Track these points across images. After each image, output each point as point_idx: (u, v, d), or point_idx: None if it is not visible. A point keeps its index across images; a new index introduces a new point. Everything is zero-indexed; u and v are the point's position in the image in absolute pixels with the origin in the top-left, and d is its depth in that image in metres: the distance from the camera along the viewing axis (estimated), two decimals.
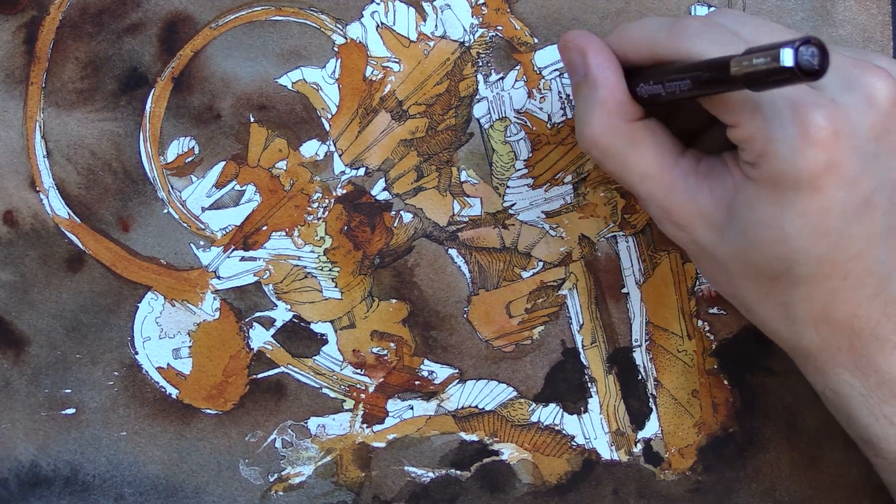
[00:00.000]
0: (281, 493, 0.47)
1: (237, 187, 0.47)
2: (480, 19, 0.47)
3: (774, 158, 0.35)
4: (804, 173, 0.34)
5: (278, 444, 0.47)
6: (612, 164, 0.39)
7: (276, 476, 0.47)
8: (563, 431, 0.47)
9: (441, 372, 0.47)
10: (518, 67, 0.47)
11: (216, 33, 0.47)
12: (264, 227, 0.47)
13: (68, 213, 0.47)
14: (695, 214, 0.38)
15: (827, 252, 0.36)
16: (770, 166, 0.35)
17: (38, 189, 0.47)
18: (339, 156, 0.47)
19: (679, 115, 0.41)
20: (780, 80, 0.31)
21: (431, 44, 0.47)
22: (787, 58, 0.30)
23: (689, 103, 0.39)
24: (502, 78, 0.47)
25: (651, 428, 0.47)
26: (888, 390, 0.38)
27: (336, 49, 0.47)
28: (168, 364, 0.47)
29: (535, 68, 0.47)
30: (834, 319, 0.38)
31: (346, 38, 0.47)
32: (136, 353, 0.47)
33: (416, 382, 0.47)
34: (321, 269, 0.47)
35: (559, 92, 0.47)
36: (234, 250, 0.47)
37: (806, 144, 0.34)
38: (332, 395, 0.47)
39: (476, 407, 0.47)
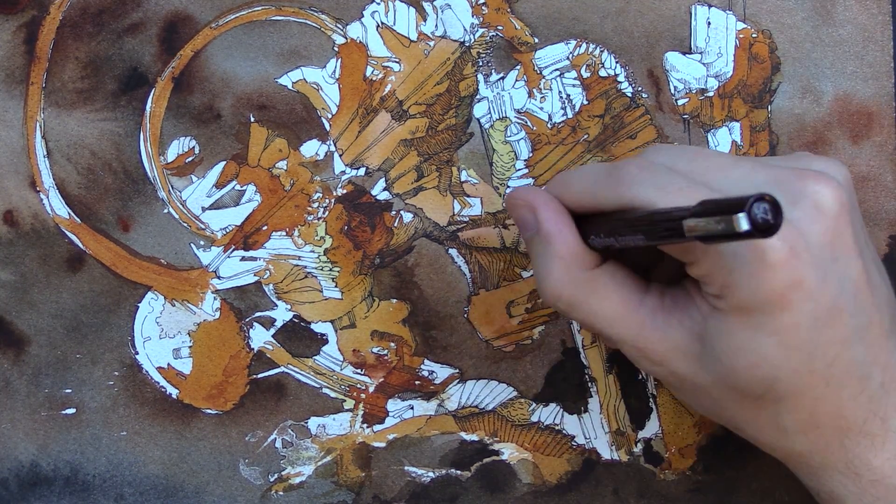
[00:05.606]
0: (281, 493, 0.47)
1: (237, 187, 0.47)
2: (481, 19, 0.47)
3: (738, 288, 0.35)
4: (770, 295, 0.35)
5: (278, 444, 0.47)
6: (578, 313, 0.39)
7: (276, 476, 0.47)
8: (564, 431, 0.47)
9: (441, 372, 0.47)
10: (518, 67, 0.47)
11: (216, 33, 0.47)
12: (264, 227, 0.47)
13: (68, 213, 0.47)
14: (669, 349, 0.38)
15: (804, 364, 0.36)
16: (735, 296, 0.36)
17: (38, 189, 0.47)
18: (340, 156, 0.47)
19: (631, 253, 0.41)
20: (734, 238, 0.31)
21: (432, 44, 0.47)
22: (742, 223, 0.31)
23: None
24: (503, 78, 0.47)
25: (651, 428, 0.47)
26: (882, 487, 0.38)
27: (336, 49, 0.47)
28: (168, 364, 0.47)
29: (536, 68, 0.47)
30: (822, 424, 0.38)
31: (346, 38, 0.47)
32: (137, 352, 0.47)
33: (417, 382, 0.47)
34: (321, 269, 0.47)
35: (559, 92, 0.47)
36: (234, 250, 0.47)
37: (766, 268, 0.35)
38: (333, 394, 0.47)
39: (476, 407, 0.47)
